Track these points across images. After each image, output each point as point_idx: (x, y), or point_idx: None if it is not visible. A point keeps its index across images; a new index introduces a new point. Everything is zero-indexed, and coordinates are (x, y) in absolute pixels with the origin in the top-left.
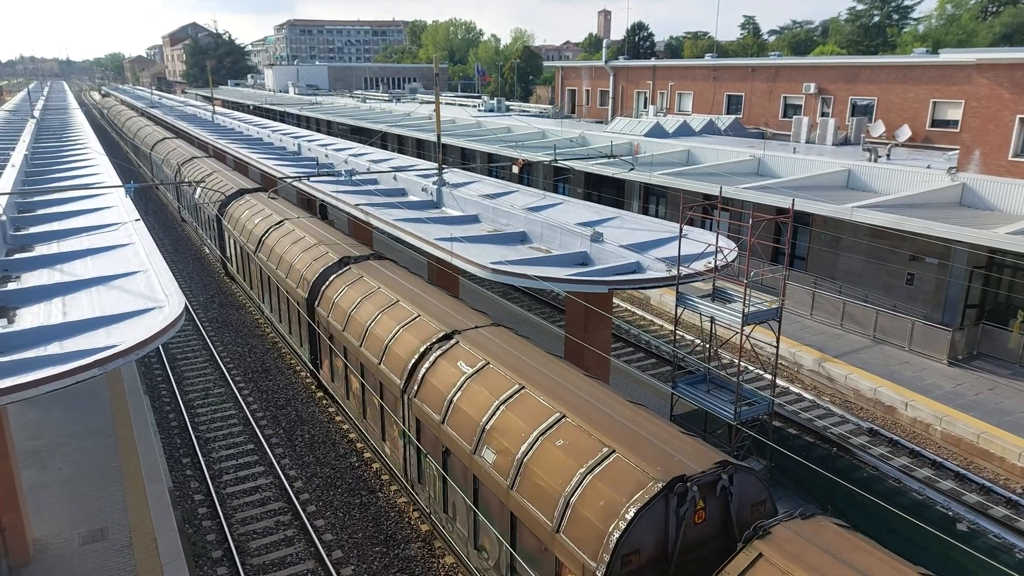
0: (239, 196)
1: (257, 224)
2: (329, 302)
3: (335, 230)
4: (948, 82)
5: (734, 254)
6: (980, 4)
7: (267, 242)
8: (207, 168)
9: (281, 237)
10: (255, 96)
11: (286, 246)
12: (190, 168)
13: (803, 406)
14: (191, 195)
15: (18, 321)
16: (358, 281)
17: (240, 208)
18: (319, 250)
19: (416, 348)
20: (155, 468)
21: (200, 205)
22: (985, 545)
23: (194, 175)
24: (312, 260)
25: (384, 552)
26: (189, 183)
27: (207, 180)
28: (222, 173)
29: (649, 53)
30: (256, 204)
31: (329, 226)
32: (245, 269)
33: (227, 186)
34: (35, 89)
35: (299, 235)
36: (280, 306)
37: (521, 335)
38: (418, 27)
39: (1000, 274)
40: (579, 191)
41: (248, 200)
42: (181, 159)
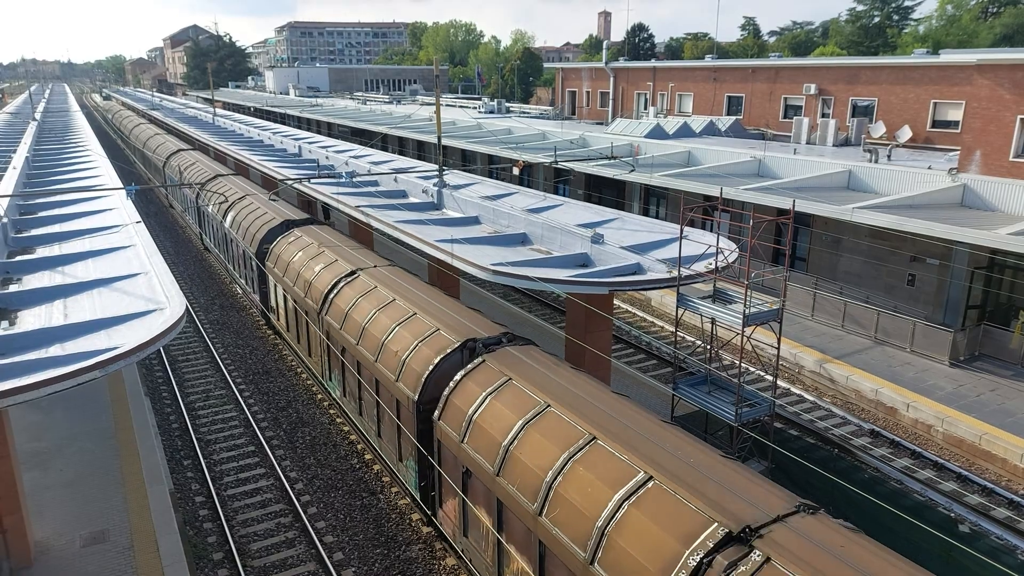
0: (285, 231)
1: (319, 275)
2: (459, 415)
3: (431, 288)
4: (949, 83)
5: (735, 255)
6: (980, 5)
7: (337, 303)
8: (236, 189)
9: (358, 298)
10: (256, 98)
11: (369, 311)
12: (216, 189)
13: (804, 407)
14: (215, 218)
15: (19, 323)
16: (504, 386)
17: (289, 249)
18: (422, 324)
19: None
20: (156, 470)
21: (232, 237)
22: (987, 547)
23: (220, 198)
24: (415, 339)
25: (385, 554)
26: (206, 191)
27: (239, 207)
28: (257, 198)
29: (649, 54)
30: (311, 244)
31: (418, 279)
32: (301, 331)
33: (267, 216)
34: (36, 91)
35: (384, 296)
36: (364, 396)
37: None
38: (418, 29)
39: (1001, 275)
40: (579, 192)
41: (299, 237)
42: (202, 175)
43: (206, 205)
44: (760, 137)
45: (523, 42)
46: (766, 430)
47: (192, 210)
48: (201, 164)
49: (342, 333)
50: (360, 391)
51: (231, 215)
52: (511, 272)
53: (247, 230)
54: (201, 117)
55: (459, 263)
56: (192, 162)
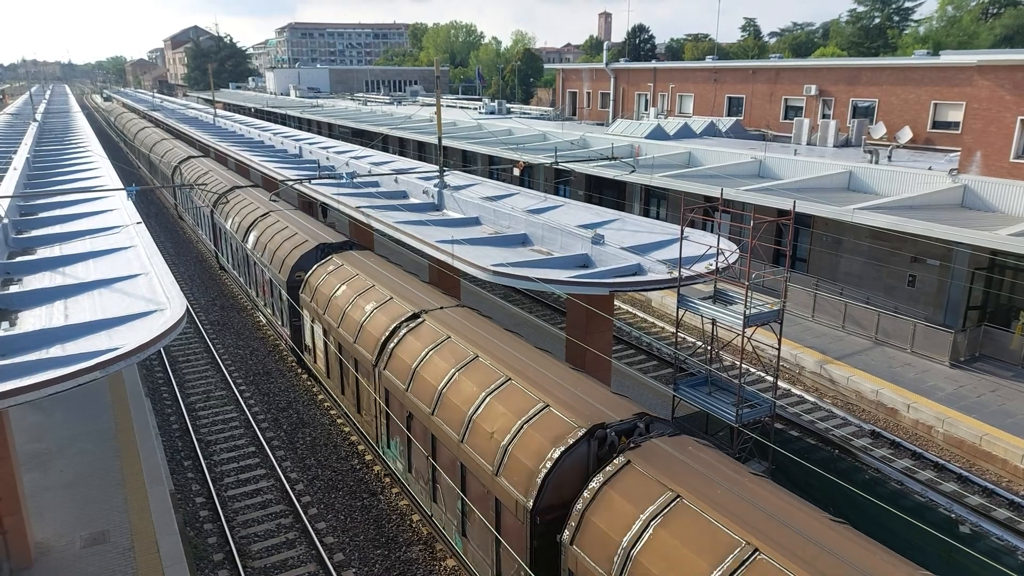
0: (322, 257)
1: (371, 317)
2: (607, 544)
3: (522, 343)
4: (949, 84)
5: (735, 256)
6: (981, 6)
7: (399, 355)
8: (257, 205)
9: (428, 350)
10: (256, 99)
11: (445, 371)
12: (234, 204)
13: (805, 408)
14: (234, 237)
15: (20, 324)
16: (673, 509)
17: (329, 280)
18: (523, 395)
19: None
20: (156, 471)
21: (255, 261)
22: (987, 547)
23: (239, 214)
24: (516, 417)
25: (386, 555)
26: (222, 205)
27: (263, 225)
28: (284, 215)
29: (650, 55)
30: (356, 276)
31: (500, 328)
32: (347, 381)
33: (297, 239)
34: (37, 92)
35: (463, 351)
36: (440, 481)
37: None
38: (419, 30)
39: (1002, 276)
40: (580, 193)
41: (339, 266)
42: (217, 187)
43: (223, 220)
44: (761, 138)
45: (524, 43)
46: (767, 431)
47: (206, 225)
48: (215, 174)
49: (409, 396)
50: (434, 476)
51: (254, 235)
52: (512, 273)
53: (275, 254)
54: (202, 118)
55: (460, 264)
56: (205, 171)
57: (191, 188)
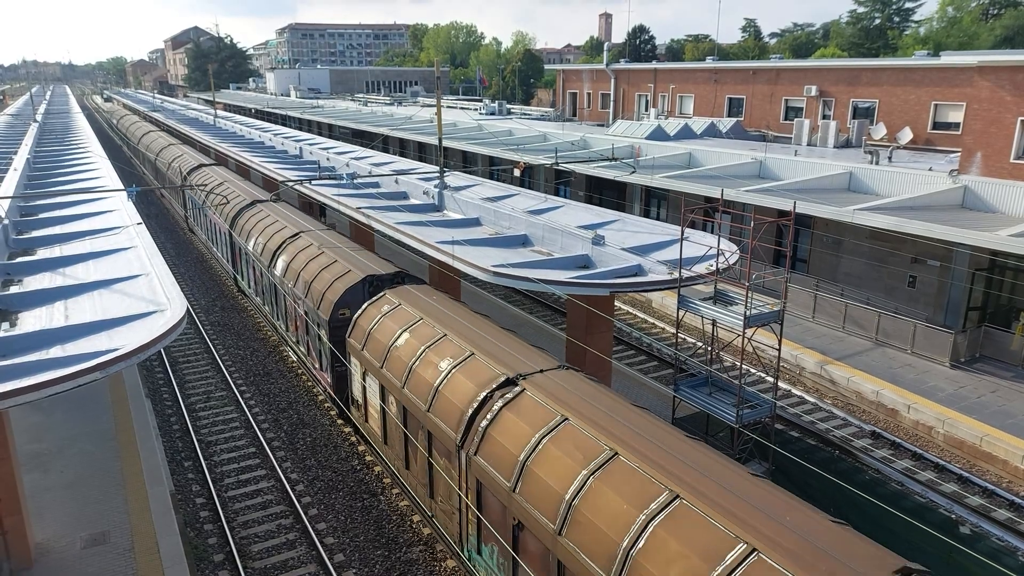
0: (372, 293)
1: (451, 380)
2: None
3: (666, 428)
4: (949, 84)
5: (735, 257)
6: (981, 6)
7: (496, 437)
8: (285, 224)
9: (543, 438)
10: (257, 100)
11: (573, 470)
12: (257, 222)
13: (805, 409)
14: (259, 261)
15: (20, 324)
16: None
17: (386, 324)
18: (696, 518)
19: None
20: (157, 471)
21: (286, 291)
22: (988, 548)
23: (263, 234)
24: (700, 558)
25: (386, 556)
26: (242, 222)
27: (294, 249)
28: (316, 237)
29: (650, 56)
30: (420, 321)
31: (631, 407)
32: (415, 456)
33: (338, 268)
34: (37, 93)
35: (594, 445)
36: None
37: None
38: (419, 30)
39: (1002, 276)
40: (580, 194)
41: (396, 306)
42: (235, 200)
43: (243, 240)
44: (761, 139)
45: (524, 44)
46: (767, 432)
47: (222, 243)
48: (232, 186)
49: (518, 501)
50: None
51: (283, 261)
52: (512, 273)
53: (311, 286)
54: (202, 119)
55: (460, 264)
56: (219, 182)
57: (204, 199)
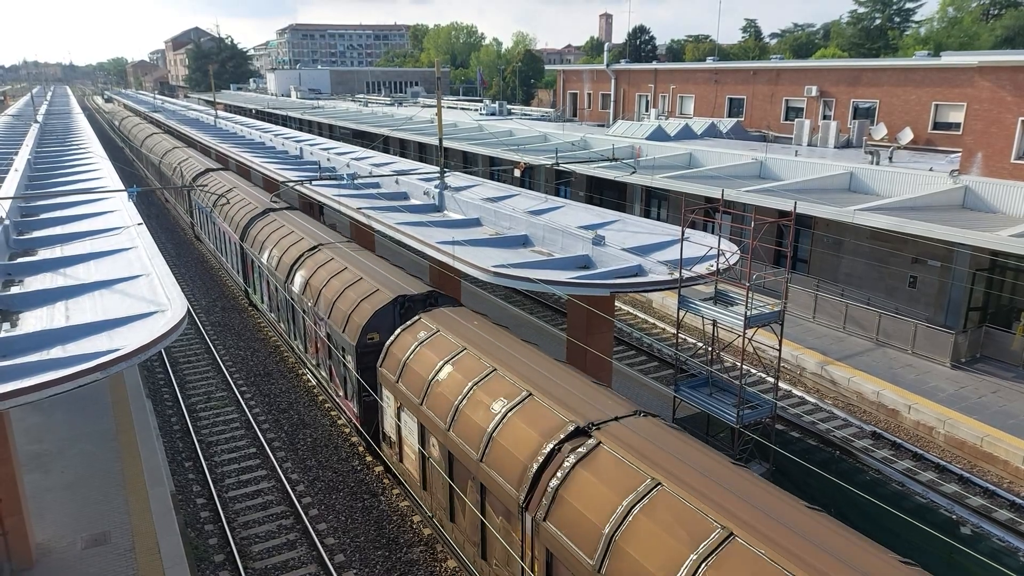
0: (406, 316)
1: (506, 426)
2: None
3: (780, 495)
4: (950, 85)
5: (736, 257)
6: (982, 7)
7: (569, 500)
8: (302, 236)
9: (633, 507)
10: (257, 100)
11: (680, 556)
12: (270, 232)
13: (806, 409)
14: (273, 276)
15: (21, 325)
16: None
17: (424, 355)
18: None
19: None
20: (157, 472)
21: (305, 309)
22: (989, 549)
23: (276, 246)
24: None
25: (386, 556)
26: (254, 232)
27: (313, 264)
28: (338, 251)
29: (650, 56)
30: (463, 352)
31: (737, 468)
32: (463, 512)
33: (364, 287)
34: (38, 94)
35: (703, 524)
36: None
37: None
38: (420, 31)
39: (1003, 277)
40: (581, 194)
41: (434, 333)
42: (245, 208)
43: (255, 252)
44: (761, 139)
45: (524, 44)
46: (768, 432)
47: (232, 252)
48: (241, 192)
49: None
50: None
51: (301, 276)
52: (512, 274)
53: (334, 305)
54: (203, 120)
55: (460, 265)
56: (227, 188)
57: (212, 205)
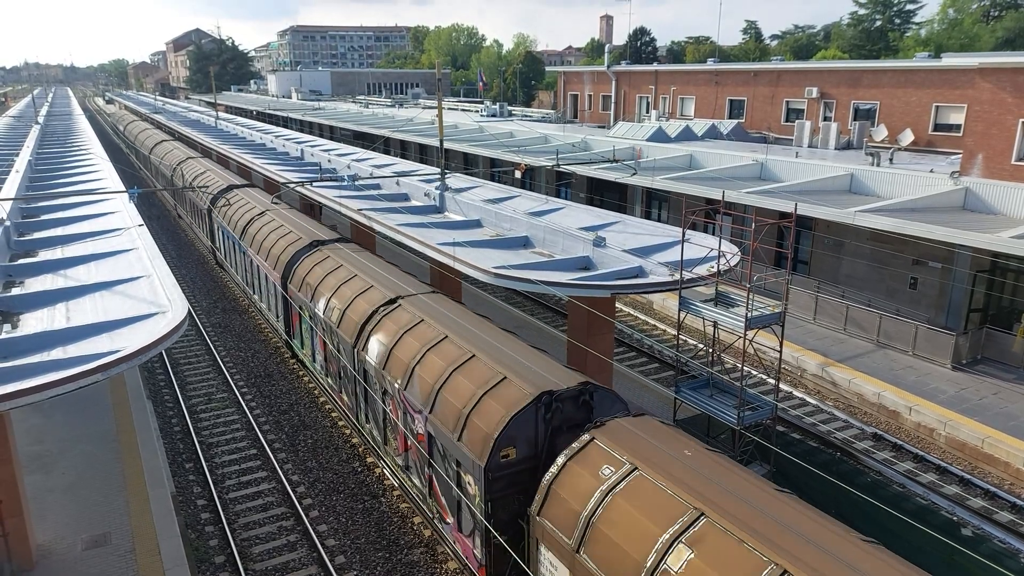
0: (572, 440)
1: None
2: None
3: None
4: (951, 86)
5: (737, 258)
6: (982, 8)
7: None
8: (369, 282)
9: None
10: (258, 102)
11: None
12: (330, 283)
13: (807, 411)
14: (340, 337)
15: (22, 326)
16: None
17: (617, 510)
18: None
19: None
20: (158, 473)
21: (381, 387)
22: (990, 550)
23: (343, 300)
24: None
25: (387, 557)
26: (302, 270)
27: (390, 330)
28: (430, 307)
29: (651, 58)
30: (671, 502)
31: None
32: None
33: (484, 373)
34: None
35: None
36: None
37: None
38: (420, 32)
39: (1004, 278)
40: (581, 196)
41: (634, 478)
42: (290, 240)
43: (306, 298)
44: (762, 140)
45: (525, 46)
46: (768, 434)
47: (269, 294)
48: (279, 218)
49: None
50: None
51: (378, 342)
52: (513, 275)
53: (439, 397)
54: (204, 121)
55: (461, 266)
56: (260, 210)
57: (241, 233)
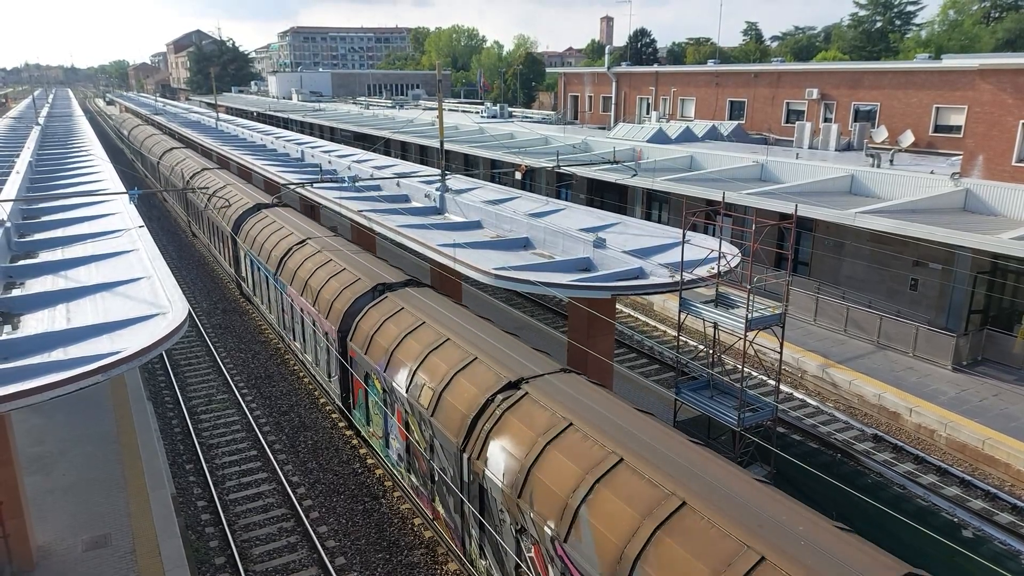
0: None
1: None
2: None
3: None
4: (951, 87)
5: (737, 260)
6: (983, 9)
7: None
8: (469, 353)
9: None
10: (258, 103)
11: None
12: (402, 339)
13: (807, 412)
14: (440, 434)
15: (22, 327)
16: None
17: None
18: None
19: None
20: (158, 474)
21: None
22: (990, 552)
23: (422, 365)
24: None
25: (387, 559)
26: None
27: (519, 436)
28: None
29: (651, 59)
30: None
31: None
32: None
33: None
34: (40, 96)
35: None
36: None
37: None
38: (421, 34)
39: (1004, 279)
40: (582, 197)
41: None
42: (347, 283)
43: (372, 360)
44: (763, 142)
45: (525, 47)
46: (769, 435)
47: (313, 344)
48: (326, 250)
49: None
50: None
51: (501, 456)
52: (513, 276)
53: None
54: (204, 122)
55: (462, 267)
56: (299, 238)
57: (277, 267)
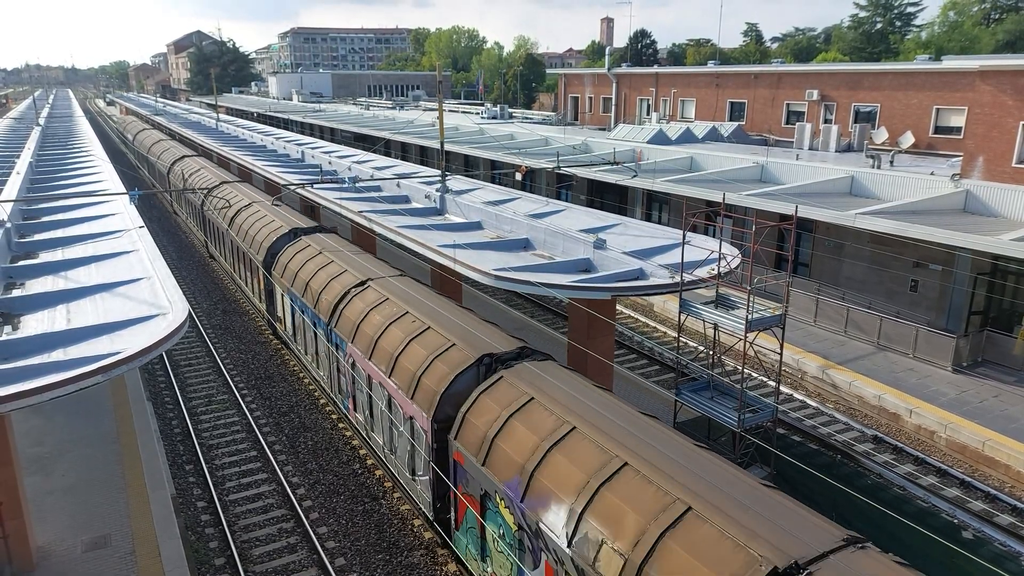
0: None
1: None
2: None
3: None
4: (951, 89)
5: (737, 260)
6: (983, 11)
7: None
8: (614, 455)
9: None
10: (259, 103)
11: None
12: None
13: (807, 413)
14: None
15: (22, 328)
16: None
17: None
18: None
19: None
20: (158, 475)
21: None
22: (990, 553)
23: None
24: None
25: (387, 560)
26: None
27: None
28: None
29: (652, 60)
30: None
31: None
32: None
33: None
34: (40, 97)
35: None
36: None
37: None
38: (421, 35)
39: (1004, 280)
40: (582, 198)
41: None
42: (440, 357)
43: (507, 487)
44: (763, 143)
45: (526, 48)
46: (769, 436)
47: (398, 434)
48: (393, 298)
49: None
50: None
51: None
52: (514, 277)
53: None
54: (204, 122)
55: (462, 268)
56: (355, 283)
57: (334, 321)
